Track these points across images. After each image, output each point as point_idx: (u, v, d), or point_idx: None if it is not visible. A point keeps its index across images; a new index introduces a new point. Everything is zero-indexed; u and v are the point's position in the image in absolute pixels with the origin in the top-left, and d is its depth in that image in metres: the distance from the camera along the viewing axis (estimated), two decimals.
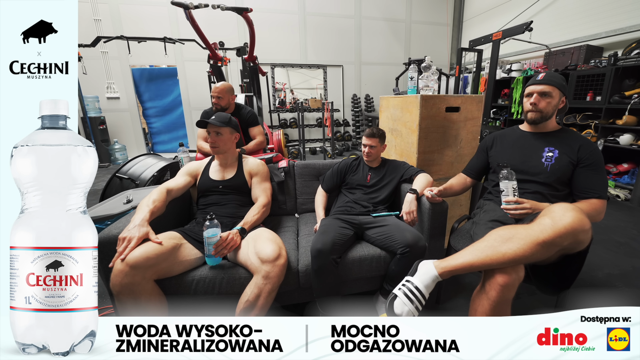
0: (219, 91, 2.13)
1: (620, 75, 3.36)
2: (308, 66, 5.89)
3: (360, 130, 6.15)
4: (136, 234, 1.05)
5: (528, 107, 1.26)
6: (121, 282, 0.98)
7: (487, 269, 0.92)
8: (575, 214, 0.82)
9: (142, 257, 1.01)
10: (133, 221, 1.09)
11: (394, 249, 1.28)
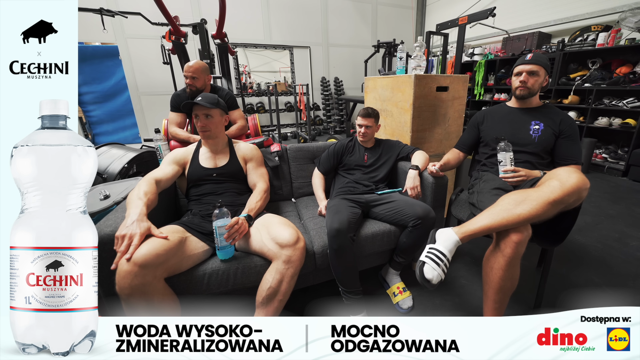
0: (194, 70, 2.00)
1: (567, 59, 3.86)
2: (273, 47, 5.75)
3: (331, 114, 6.22)
4: (138, 230, 0.98)
5: (517, 84, 1.44)
6: (131, 284, 0.92)
7: (501, 230, 1.05)
8: (579, 175, 0.98)
9: (152, 255, 0.95)
10: (129, 216, 1.01)
11: (404, 223, 1.39)
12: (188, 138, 2.02)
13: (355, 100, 4.39)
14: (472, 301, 1.52)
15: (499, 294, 1.10)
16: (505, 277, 1.07)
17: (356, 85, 6.59)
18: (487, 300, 1.14)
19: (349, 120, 4.71)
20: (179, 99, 2.12)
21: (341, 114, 6.22)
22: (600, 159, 3.67)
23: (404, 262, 1.51)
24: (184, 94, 2.11)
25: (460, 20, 4.07)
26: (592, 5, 3.81)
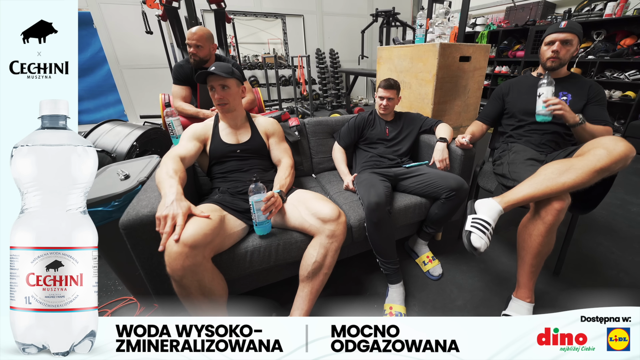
0: (198, 38, 1.90)
1: None
2: (264, 15, 5.54)
3: (327, 88, 6.13)
4: (179, 210, 0.96)
5: (549, 55, 1.46)
6: (183, 265, 0.91)
7: (543, 199, 1.12)
8: (625, 143, 1.04)
9: (200, 234, 0.95)
10: (166, 196, 0.99)
11: (437, 195, 1.44)
12: (197, 113, 1.96)
13: (357, 73, 4.32)
14: (497, 266, 1.63)
15: (537, 259, 1.18)
16: (544, 242, 1.14)
17: (353, 57, 6.48)
18: (524, 265, 1.21)
19: (348, 95, 4.66)
20: (182, 70, 2.03)
21: (338, 87, 6.14)
22: None
23: (433, 233, 1.58)
24: (187, 65, 2.03)
25: None
26: None
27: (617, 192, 2.43)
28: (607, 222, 2.05)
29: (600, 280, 1.52)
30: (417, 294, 1.44)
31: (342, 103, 6.21)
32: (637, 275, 1.56)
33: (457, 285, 1.50)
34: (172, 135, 1.62)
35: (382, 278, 1.52)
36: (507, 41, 4.78)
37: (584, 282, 1.51)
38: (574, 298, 1.37)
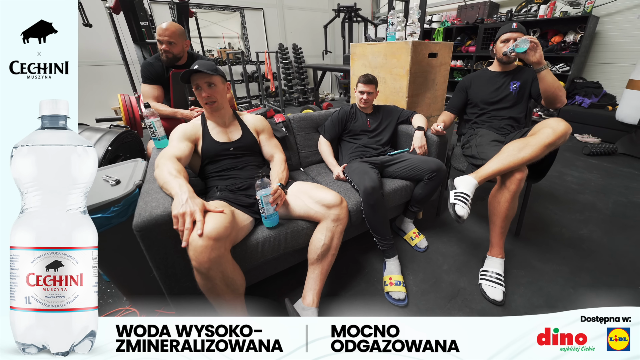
0: (170, 34, 1.87)
1: None
2: (221, 7, 5.51)
3: (293, 84, 6.25)
4: (196, 207, 1.02)
5: (504, 51, 1.77)
6: (209, 258, 0.98)
7: (508, 171, 1.41)
8: (565, 123, 1.36)
9: (222, 227, 1.02)
10: (178, 195, 1.05)
11: (420, 177, 1.69)
12: (174, 113, 1.94)
13: (327, 68, 4.52)
14: (471, 235, 1.96)
15: (505, 221, 1.48)
16: (509, 207, 1.45)
17: (316, 52, 6.67)
18: (495, 228, 1.52)
19: (317, 90, 4.85)
20: (152, 68, 1.97)
21: (303, 83, 6.30)
22: (536, 116, 4.43)
23: (417, 211, 1.84)
24: (157, 63, 1.99)
25: None
26: None
27: (555, 166, 2.94)
28: (550, 190, 2.54)
29: (549, 237, 1.91)
30: (409, 265, 1.69)
31: (309, 99, 6.39)
32: (574, 228, 1.99)
33: (441, 253, 1.78)
34: (153, 137, 1.61)
35: (377, 256, 1.75)
36: (460, 37, 5.29)
37: (538, 238, 1.89)
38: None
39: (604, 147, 3.32)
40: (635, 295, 1.46)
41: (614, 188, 2.55)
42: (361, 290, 1.54)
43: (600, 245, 1.81)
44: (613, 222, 2.06)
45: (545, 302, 1.42)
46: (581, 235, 1.91)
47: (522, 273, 1.61)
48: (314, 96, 5.37)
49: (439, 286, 1.55)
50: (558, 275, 1.59)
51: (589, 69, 4.22)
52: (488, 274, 1.51)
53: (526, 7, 4.35)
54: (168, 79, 2.01)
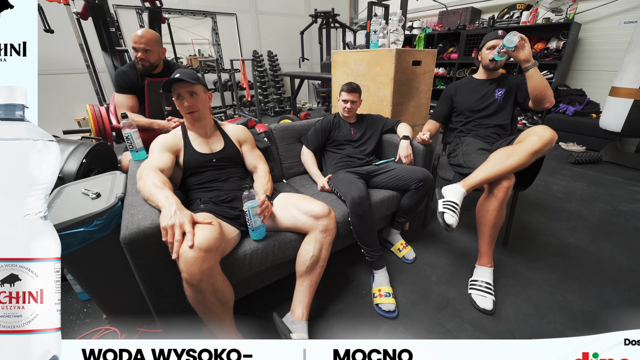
0: (147, 41, 1.95)
1: None
2: (191, 13, 5.62)
3: (268, 93, 6.38)
4: (185, 219, 1.07)
5: (491, 57, 1.94)
6: (200, 269, 1.03)
7: (495, 179, 1.55)
8: (550, 130, 1.52)
9: (212, 238, 1.07)
10: (166, 207, 1.10)
11: (407, 187, 1.81)
12: (150, 124, 2.02)
13: (305, 77, 4.68)
14: (458, 245, 2.10)
15: (493, 230, 1.62)
16: (498, 215, 1.58)
17: (293, 59, 6.88)
18: (484, 237, 1.65)
19: (294, 99, 5.00)
20: (126, 77, 2.05)
21: (279, 92, 6.45)
22: (520, 125, 4.75)
23: (404, 222, 1.96)
24: (132, 71, 2.07)
25: None
26: None
27: (541, 175, 3.17)
28: (536, 199, 2.74)
29: (537, 246, 2.07)
30: (397, 276, 1.79)
31: (286, 108, 6.54)
32: (561, 237, 2.17)
33: (430, 264, 1.90)
34: (130, 149, 1.67)
35: (365, 268, 1.85)
36: (441, 44, 5.63)
37: (526, 248, 2.04)
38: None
39: (588, 156, 3.61)
40: (622, 301, 1.61)
41: (600, 196, 2.78)
42: (350, 303, 1.62)
43: (588, 253, 1.99)
44: (599, 230, 2.26)
45: (535, 310, 1.55)
46: (568, 243, 2.09)
47: (511, 282, 1.74)
48: (290, 105, 5.51)
49: (428, 297, 1.65)
50: (547, 283, 1.73)
51: (572, 76, 4.60)
52: (477, 283, 1.63)
53: (508, 13, 4.73)
54: (143, 88, 2.08)
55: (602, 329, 1.43)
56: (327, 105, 6.36)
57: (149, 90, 2.09)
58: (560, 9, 4.16)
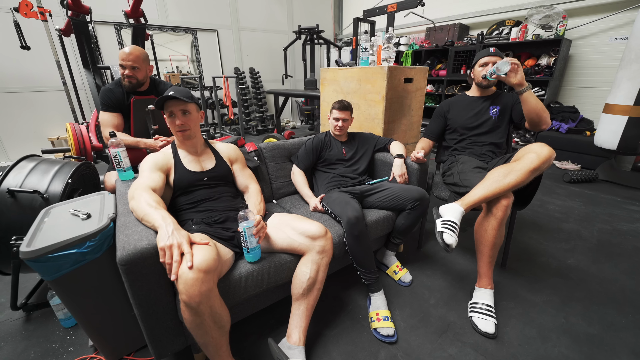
0: (135, 59, 2.05)
1: None
2: (171, 29, 5.77)
3: (250, 111, 6.50)
4: (183, 239, 1.12)
5: (484, 74, 2.09)
6: (200, 291, 1.07)
7: (494, 198, 1.65)
8: (548, 147, 1.64)
9: (211, 259, 1.12)
10: (162, 227, 1.15)
11: (402, 206, 1.90)
12: (137, 143, 2.09)
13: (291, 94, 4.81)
14: (455, 267, 2.19)
15: (493, 250, 1.71)
16: (497, 235, 1.68)
17: (275, 77, 7.08)
18: (483, 257, 1.73)
19: (279, 117, 5.12)
20: (112, 95, 2.14)
21: (261, 110, 6.58)
22: (513, 143, 4.98)
23: (400, 243, 2.04)
24: (117, 89, 2.16)
25: (389, 7, 4.97)
26: (504, 0, 5.21)
27: (536, 194, 3.34)
28: (533, 219, 2.88)
29: (536, 267, 2.17)
30: (394, 300, 1.85)
31: (268, 126, 6.65)
32: (561, 258, 2.28)
33: (427, 287, 1.97)
34: (118, 169, 1.75)
35: (360, 291, 1.91)
36: (429, 60, 5.91)
37: (525, 269, 2.14)
38: (519, 286, 1.91)
39: (584, 174, 3.81)
40: (628, 324, 1.69)
41: (598, 216, 2.94)
42: (347, 328, 1.67)
43: (589, 274, 2.09)
44: (600, 250, 2.38)
45: (538, 333, 1.62)
46: (569, 264, 2.20)
47: (512, 304, 1.82)
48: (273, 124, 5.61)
49: (427, 321, 1.71)
50: (549, 305, 1.81)
51: (564, 92, 4.90)
52: (478, 306, 1.70)
53: (497, 29, 5.04)
54: (129, 106, 2.16)
55: (608, 352, 1.51)
56: (311, 124, 6.51)
57: (134, 109, 2.17)
58: (550, 25, 4.47)
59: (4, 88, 4.78)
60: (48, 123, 5.23)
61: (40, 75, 4.93)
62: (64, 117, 5.23)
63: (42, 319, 1.78)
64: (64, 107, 4.86)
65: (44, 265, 1.18)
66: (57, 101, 5.12)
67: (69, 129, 2.76)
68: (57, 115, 5.22)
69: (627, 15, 4.15)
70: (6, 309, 1.86)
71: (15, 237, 1.59)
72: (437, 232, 1.60)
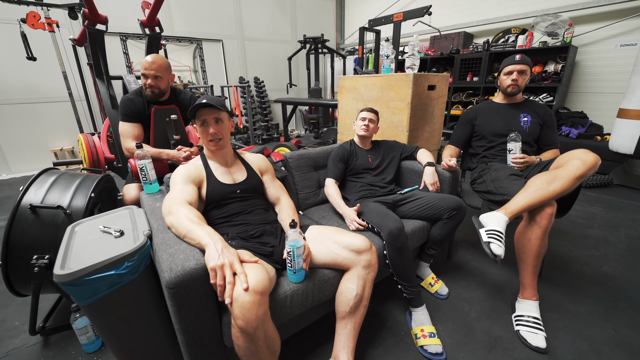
0: (157, 67, 2.00)
1: (492, 59, 5.13)
2: (177, 39, 5.73)
3: (255, 120, 6.44)
4: (234, 258, 1.06)
5: (509, 83, 2.06)
6: (257, 315, 0.99)
7: (537, 206, 1.58)
8: (594, 154, 1.58)
9: (266, 279, 1.05)
10: (210, 245, 1.08)
11: (438, 216, 1.83)
12: (159, 154, 2.01)
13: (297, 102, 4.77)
14: (489, 277, 2.12)
15: (537, 260, 1.63)
16: (541, 244, 1.61)
17: (280, 86, 7.05)
18: (527, 267, 1.66)
19: (286, 126, 5.06)
20: (132, 104, 2.07)
21: (266, 119, 6.52)
22: None
23: (435, 254, 1.96)
24: (138, 99, 2.10)
25: (395, 17, 4.95)
26: (509, 9, 5.24)
27: None
28: (558, 226, 2.81)
29: (572, 275, 2.10)
30: (433, 314, 1.76)
31: (274, 135, 6.59)
32: (595, 265, 2.21)
33: (465, 300, 1.89)
34: (144, 181, 1.68)
35: (397, 306, 1.82)
36: (435, 68, 5.90)
37: (561, 278, 2.07)
38: (559, 296, 1.84)
39: (599, 179, 3.77)
40: None
41: (621, 221, 2.88)
42: (390, 346, 1.58)
43: (628, 282, 2.03)
44: (632, 256, 2.32)
45: (590, 346, 1.55)
46: (604, 272, 2.13)
47: (556, 316, 1.74)
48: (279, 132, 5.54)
49: (473, 336, 1.63)
50: (594, 316, 1.74)
51: (571, 98, 4.88)
52: (524, 318, 1.62)
53: (503, 37, 5.03)
54: (149, 116, 2.08)
55: None
56: (316, 132, 6.46)
57: (155, 119, 2.09)
58: (557, 32, 4.47)
59: (7, 99, 4.69)
60: (51, 134, 5.14)
61: (44, 86, 4.86)
62: (68, 129, 5.15)
63: (62, 344, 1.66)
64: (68, 118, 4.83)
65: (79, 289, 1.05)
66: (61, 112, 5.04)
67: (82, 140, 2.68)
68: (61, 126, 5.14)
69: (633, 22, 4.16)
70: (21, 333, 1.73)
71: (36, 257, 1.50)
72: (484, 242, 1.52)
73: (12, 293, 1.62)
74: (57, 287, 1.58)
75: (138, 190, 2.04)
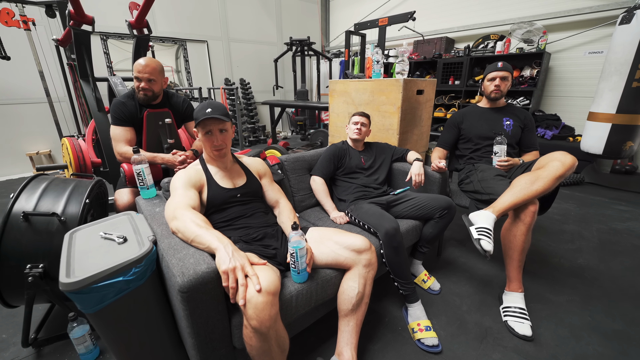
0: (151, 71, 1.99)
1: (473, 64, 5.31)
2: (160, 40, 5.65)
3: (244, 121, 6.43)
4: (244, 260, 1.09)
5: (492, 89, 2.18)
6: (270, 315, 1.03)
7: (522, 204, 1.69)
8: (571, 156, 1.70)
9: (276, 279, 1.10)
10: (220, 249, 1.11)
11: (430, 215, 1.92)
12: (153, 158, 2.00)
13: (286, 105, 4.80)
14: (478, 272, 2.23)
15: (522, 254, 1.75)
16: (526, 240, 1.72)
17: (266, 87, 7.05)
18: (513, 262, 1.77)
19: (274, 128, 5.09)
20: (124, 108, 2.04)
21: (252, 121, 6.52)
22: None
23: (427, 251, 2.05)
24: (130, 102, 2.07)
25: (380, 21, 5.06)
26: (488, 16, 5.44)
27: None
28: (537, 223, 2.95)
29: (551, 268, 2.24)
30: (428, 309, 1.85)
31: (260, 137, 6.60)
32: (571, 258, 2.38)
33: (456, 294, 1.99)
34: (141, 186, 1.68)
35: (392, 302, 1.91)
36: (419, 72, 6.05)
37: (542, 271, 2.21)
38: (541, 288, 1.98)
39: (572, 178, 3.99)
40: None
41: (592, 217, 3.08)
42: (389, 341, 1.65)
43: (600, 273, 2.19)
44: (603, 249, 2.50)
45: (570, 332, 1.67)
46: (580, 264, 2.29)
47: (539, 306, 1.87)
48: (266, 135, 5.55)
49: (465, 328, 1.73)
50: (572, 305, 1.88)
51: (545, 101, 5.12)
52: (511, 309, 1.74)
53: (483, 43, 5.23)
54: (141, 119, 2.07)
55: (638, 347, 1.58)
56: (303, 134, 6.51)
57: (148, 122, 2.09)
58: (532, 39, 4.68)
59: None
60: (26, 137, 4.92)
61: (19, 86, 4.66)
62: (45, 131, 4.94)
63: (56, 355, 1.61)
64: (46, 120, 4.66)
65: (86, 297, 1.05)
66: (38, 114, 4.84)
67: (68, 144, 2.61)
68: (37, 129, 4.92)
69: (599, 31, 4.42)
70: (11, 346, 1.66)
71: (30, 266, 1.46)
72: (475, 239, 1.62)
73: (2, 304, 1.56)
74: (52, 297, 1.54)
75: (131, 195, 2.03)
